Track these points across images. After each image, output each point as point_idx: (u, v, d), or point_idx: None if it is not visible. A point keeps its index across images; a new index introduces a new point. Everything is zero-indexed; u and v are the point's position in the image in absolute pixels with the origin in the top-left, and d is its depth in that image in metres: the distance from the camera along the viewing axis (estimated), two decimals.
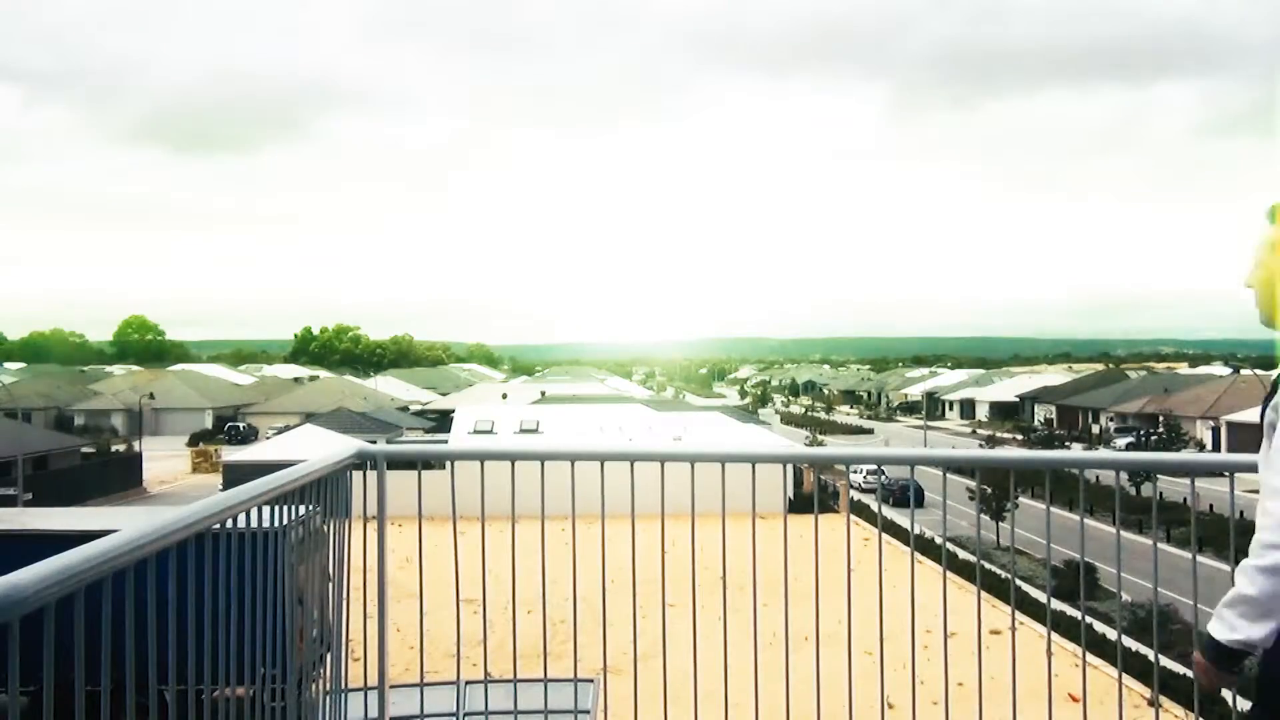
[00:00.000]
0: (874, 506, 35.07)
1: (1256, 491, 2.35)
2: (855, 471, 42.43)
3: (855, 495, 39.56)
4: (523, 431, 42.10)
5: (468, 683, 3.98)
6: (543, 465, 3.65)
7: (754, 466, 3.69)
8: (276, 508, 2.64)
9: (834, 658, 3.77)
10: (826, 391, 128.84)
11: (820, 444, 56.29)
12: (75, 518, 13.94)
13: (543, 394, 67.33)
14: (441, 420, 61.46)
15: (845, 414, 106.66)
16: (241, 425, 70.84)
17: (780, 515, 3.61)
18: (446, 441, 38.96)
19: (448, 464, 3.94)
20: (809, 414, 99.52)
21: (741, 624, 3.70)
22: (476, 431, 41.77)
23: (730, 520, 3.74)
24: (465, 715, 4.01)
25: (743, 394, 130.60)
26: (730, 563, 3.60)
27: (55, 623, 1.66)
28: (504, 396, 67.00)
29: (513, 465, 3.70)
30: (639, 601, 3.85)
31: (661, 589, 3.77)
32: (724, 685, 3.67)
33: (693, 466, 3.64)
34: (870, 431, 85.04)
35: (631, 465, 3.64)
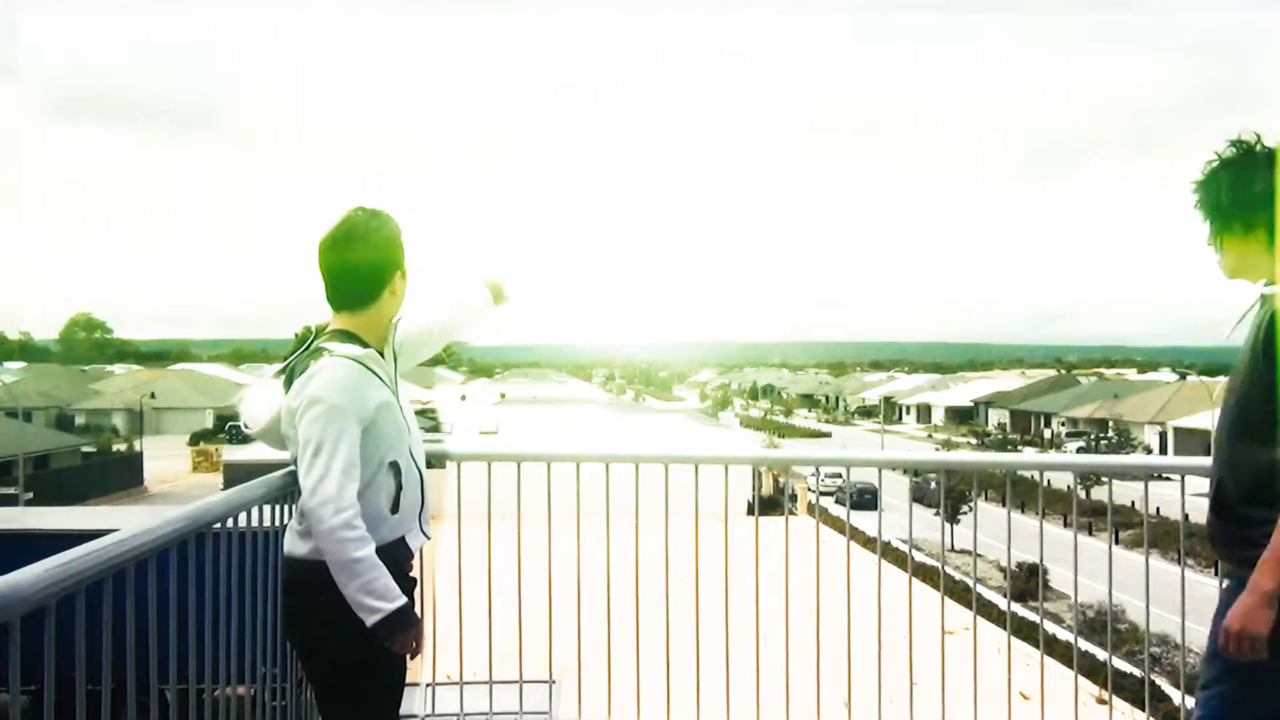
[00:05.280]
0: (831, 510, 35.40)
1: (1203, 495, 2.49)
2: (811, 475, 42.76)
3: (811, 498, 39.83)
4: (483, 434, 41.83)
5: (439, 685, 4.00)
6: (519, 468, 3.69)
7: (726, 469, 3.77)
8: (277, 507, 2.65)
9: (799, 658, 3.86)
10: (785, 395, 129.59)
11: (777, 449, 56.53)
12: (75, 517, 13.62)
13: (502, 396, 66.97)
14: None
15: (804, 418, 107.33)
16: (242, 425, 69.56)
17: (740, 518, 3.70)
18: (441, 442, 38.75)
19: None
20: (768, 418, 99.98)
21: (711, 624, 3.77)
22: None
23: (692, 522, 3.80)
24: (437, 716, 4.03)
25: (703, 398, 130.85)
26: (695, 565, 3.68)
27: (56, 622, 1.68)
28: (463, 398, 66.51)
29: (489, 467, 3.74)
30: (610, 602, 3.91)
31: (635, 590, 3.83)
32: (696, 684, 3.74)
33: (666, 469, 3.71)
34: (828, 435, 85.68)
35: (607, 468, 3.71)
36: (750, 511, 4.24)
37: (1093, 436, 58.21)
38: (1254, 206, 2.35)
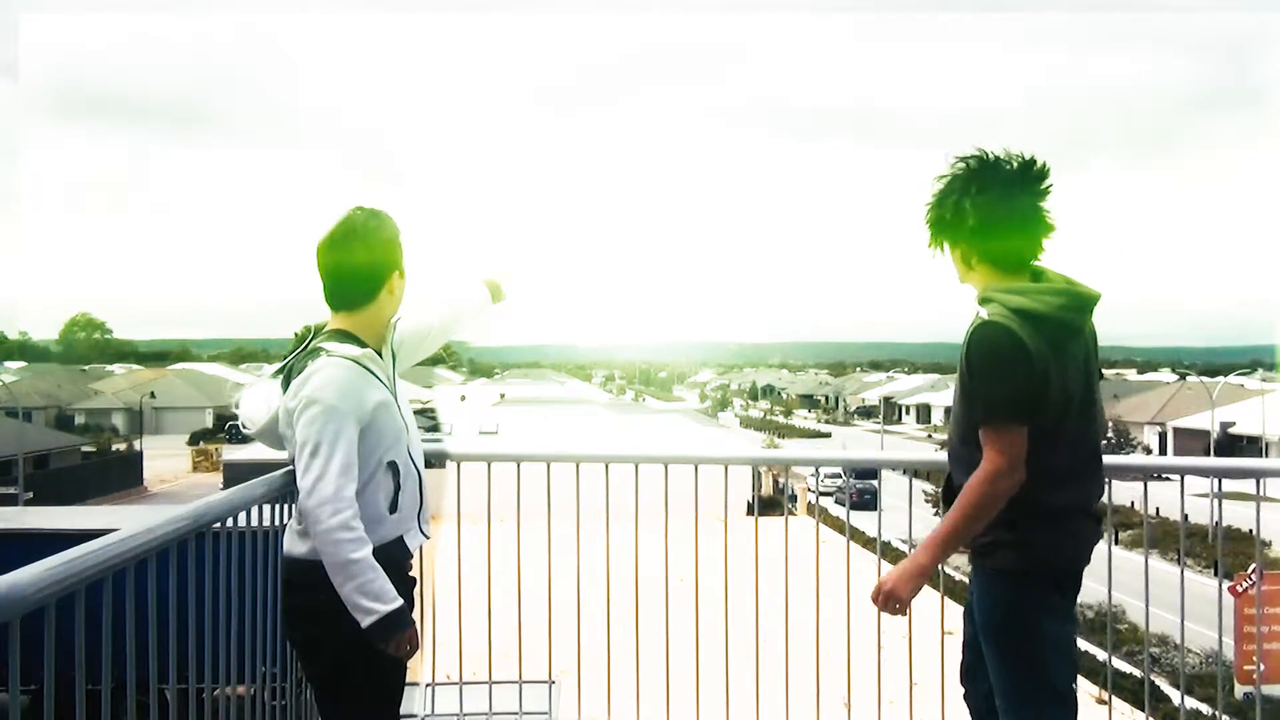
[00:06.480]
0: (830, 510, 35.43)
1: (1204, 495, 2.50)
2: (811, 475, 42.80)
3: (811, 498, 39.84)
4: (483, 434, 41.86)
5: (439, 685, 4.01)
6: (519, 468, 3.69)
7: (726, 469, 3.77)
8: (276, 506, 2.65)
9: (799, 658, 3.87)
10: (785, 395, 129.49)
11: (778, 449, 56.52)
12: (75, 517, 13.69)
13: (502, 396, 67.07)
14: None
15: (804, 418, 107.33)
16: (240, 424, 69.57)
17: (740, 518, 3.70)
18: (441, 442, 38.72)
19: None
20: (767, 418, 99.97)
21: (711, 625, 3.77)
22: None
23: (692, 522, 3.81)
24: (437, 717, 4.04)
25: (703, 398, 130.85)
26: (694, 565, 3.68)
27: (55, 622, 1.68)
28: (462, 398, 66.58)
29: (488, 467, 3.74)
30: (610, 602, 3.92)
31: (635, 590, 3.83)
32: (695, 684, 3.74)
33: (666, 470, 3.71)
34: (828, 436, 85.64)
35: (606, 468, 3.71)
36: (750, 512, 4.23)
37: None
38: (946, 229, 2.55)
